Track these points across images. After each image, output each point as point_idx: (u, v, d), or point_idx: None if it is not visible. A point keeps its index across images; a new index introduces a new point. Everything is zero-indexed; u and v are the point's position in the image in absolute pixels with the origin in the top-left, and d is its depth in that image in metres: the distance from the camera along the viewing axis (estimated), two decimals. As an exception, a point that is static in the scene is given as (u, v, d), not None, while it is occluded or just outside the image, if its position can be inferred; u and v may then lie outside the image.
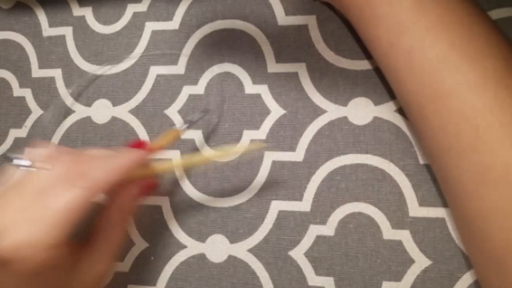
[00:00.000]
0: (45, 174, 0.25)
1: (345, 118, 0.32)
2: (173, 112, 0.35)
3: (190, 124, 0.32)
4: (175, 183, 0.35)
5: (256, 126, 0.34)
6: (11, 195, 0.25)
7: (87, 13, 0.38)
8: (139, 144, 0.29)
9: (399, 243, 0.31)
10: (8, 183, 0.26)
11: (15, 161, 0.27)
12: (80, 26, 0.38)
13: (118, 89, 0.37)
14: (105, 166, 0.26)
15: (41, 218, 0.24)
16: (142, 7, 0.37)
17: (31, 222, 0.23)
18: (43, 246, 0.23)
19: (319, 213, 0.32)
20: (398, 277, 0.30)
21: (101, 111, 0.37)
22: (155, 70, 0.36)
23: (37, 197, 0.24)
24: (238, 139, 0.34)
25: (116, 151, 0.28)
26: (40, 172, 0.25)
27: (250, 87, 0.34)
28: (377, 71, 0.32)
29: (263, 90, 0.34)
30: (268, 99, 0.34)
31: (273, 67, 0.34)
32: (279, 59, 0.34)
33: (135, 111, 0.36)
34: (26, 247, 0.23)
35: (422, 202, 0.30)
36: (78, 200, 0.24)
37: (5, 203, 0.24)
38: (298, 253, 0.32)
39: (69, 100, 0.37)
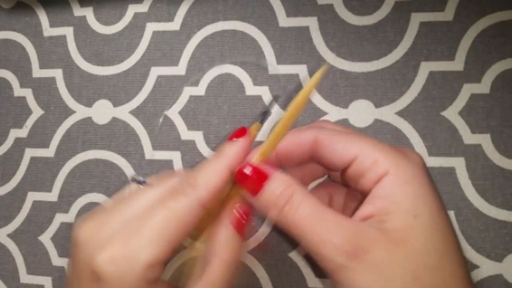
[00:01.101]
0: (154, 191, 0.23)
1: (346, 120, 0.32)
2: (174, 113, 0.35)
3: (265, 116, 0.29)
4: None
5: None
6: (116, 210, 0.23)
7: (88, 13, 0.38)
8: (239, 133, 0.25)
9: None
10: (118, 199, 0.25)
11: (133, 179, 0.26)
12: (81, 26, 0.38)
13: (119, 89, 0.37)
14: (209, 168, 0.23)
15: (140, 231, 0.21)
16: (143, 8, 0.37)
17: (129, 236, 0.21)
18: (139, 262, 0.21)
19: (320, 215, 0.32)
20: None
21: (102, 111, 0.37)
22: (156, 71, 0.36)
23: (141, 211, 0.22)
24: (238, 141, 0.34)
25: (218, 150, 0.25)
26: (150, 189, 0.24)
27: (251, 89, 0.34)
28: (378, 73, 0.32)
29: (263, 92, 0.34)
30: (269, 101, 0.34)
31: (274, 68, 0.34)
32: (280, 60, 0.34)
33: (135, 112, 0.36)
34: (120, 262, 0.21)
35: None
36: (184, 209, 0.21)
37: (108, 218, 0.23)
38: (298, 255, 0.32)
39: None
